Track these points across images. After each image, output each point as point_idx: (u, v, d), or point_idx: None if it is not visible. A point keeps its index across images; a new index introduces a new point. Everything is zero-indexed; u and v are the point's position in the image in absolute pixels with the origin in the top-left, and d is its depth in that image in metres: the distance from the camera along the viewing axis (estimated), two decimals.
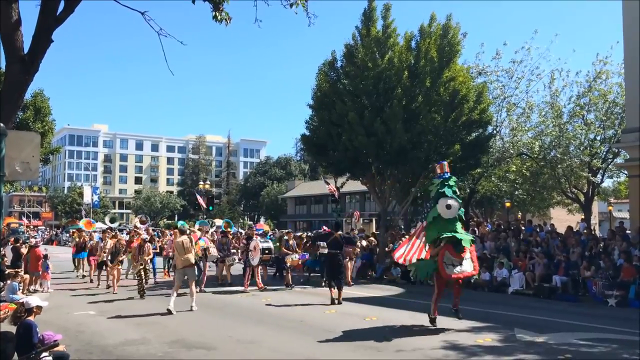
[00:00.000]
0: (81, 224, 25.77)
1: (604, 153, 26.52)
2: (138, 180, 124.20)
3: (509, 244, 18.36)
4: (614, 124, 25.36)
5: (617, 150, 24.96)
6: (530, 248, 17.36)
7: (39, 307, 6.79)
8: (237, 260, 17.98)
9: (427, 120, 22.08)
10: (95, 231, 22.86)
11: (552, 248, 17.03)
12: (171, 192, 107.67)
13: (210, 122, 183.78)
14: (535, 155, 26.04)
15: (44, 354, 6.00)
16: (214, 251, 16.21)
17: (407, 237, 13.40)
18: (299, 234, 24.61)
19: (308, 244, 20.06)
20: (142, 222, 21.37)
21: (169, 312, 11.35)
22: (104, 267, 16.80)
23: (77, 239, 21.33)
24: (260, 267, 16.13)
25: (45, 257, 16.33)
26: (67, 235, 57.44)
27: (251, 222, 57.07)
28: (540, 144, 25.92)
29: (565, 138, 25.30)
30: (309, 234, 25.00)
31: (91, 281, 18.10)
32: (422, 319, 10.93)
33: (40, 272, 16.03)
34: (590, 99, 25.72)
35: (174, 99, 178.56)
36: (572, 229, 19.14)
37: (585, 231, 19.89)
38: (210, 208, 36.09)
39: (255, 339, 9.10)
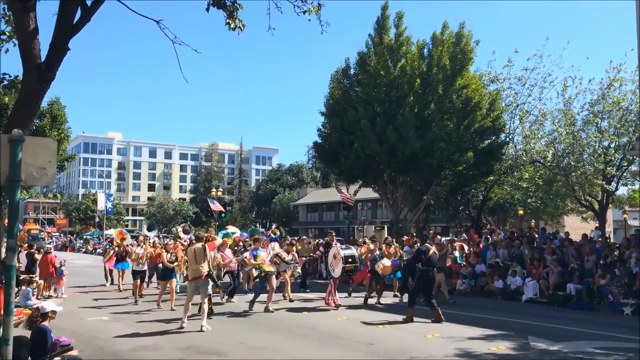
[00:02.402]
0: (114, 233, 22.76)
1: (618, 160, 26.26)
2: (151, 188, 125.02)
3: (522, 251, 18.21)
4: (628, 131, 25.11)
5: (631, 157, 24.68)
6: (544, 256, 17.20)
7: (54, 312, 6.86)
8: (298, 270, 16.51)
9: (440, 128, 22.09)
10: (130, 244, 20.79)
11: (566, 256, 16.86)
12: (184, 199, 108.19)
13: (223, 130, 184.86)
14: (548, 163, 25.86)
15: (57, 358, 6.04)
16: (288, 258, 14.46)
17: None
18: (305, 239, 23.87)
19: (317, 251, 19.81)
20: (185, 232, 19.22)
21: (181, 326, 10.43)
22: (137, 278, 14.93)
23: (117, 248, 18.75)
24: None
25: (60, 265, 16.47)
26: (81, 241, 57.99)
27: (263, 229, 57.13)
28: (554, 151, 25.73)
29: (579, 145, 25.10)
30: (320, 240, 24.36)
31: (120, 291, 17.07)
32: (436, 327, 10.91)
33: (54, 278, 16.17)
34: (604, 106, 25.51)
35: (187, 107, 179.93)
36: (586, 236, 18.94)
37: (599, 239, 19.67)
38: (223, 215, 36.24)
39: (269, 345, 9.10)
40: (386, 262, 14.20)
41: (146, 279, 16.23)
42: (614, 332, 10.48)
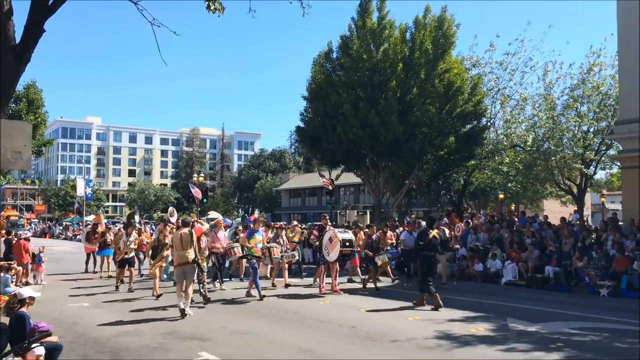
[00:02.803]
0: (100, 218, 21.61)
1: (597, 145, 26.64)
2: (132, 173, 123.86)
3: (502, 235, 18.44)
4: (607, 116, 25.46)
5: (610, 142, 25.07)
6: (523, 239, 17.44)
7: (32, 298, 6.77)
8: (296, 257, 16.04)
9: (422, 112, 22.14)
10: (108, 225, 19.69)
11: (544, 239, 17.12)
12: (165, 185, 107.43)
13: (204, 115, 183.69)
14: (528, 147, 26.12)
15: (36, 344, 5.98)
16: (276, 256, 13.74)
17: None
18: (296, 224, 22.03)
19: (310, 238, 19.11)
20: (171, 215, 18.24)
21: (183, 314, 10.11)
22: (125, 266, 14.48)
23: (103, 235, 18.01)
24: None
25: (39, 251, 16.27)
26: (60, 228, 57.33)
27: (245, 214, 56.97)
28: (534, 136, 26.00)
29: (558, 130, 25.38)
30: (306, 226, 23.88)
31: (103, 278, 16.74)
32: (418, 310, 11.03)
33: (32, 265, 15.99)
34: (583, 91, 25.79)
35: (167, 92, 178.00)
36: (565, 220, 19.24)
37: (577, 222, 19.99)
38: (205, 200, 36.03)
39: (251, 330, 9.12)
40: (386, 257, 14.28)
41: (136, 266, 15.92)
42: (590, 313, 10.70)
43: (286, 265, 15.22)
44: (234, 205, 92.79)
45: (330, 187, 30.50)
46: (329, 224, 15.44)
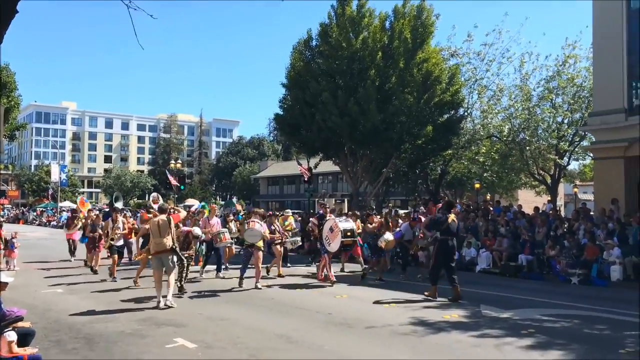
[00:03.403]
0: (79, 203, 20.35)
1: (571, 136, 27.11)
2: (108, 159, 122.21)
3: (477, 224, 18.70)
4: (581, 108, 25.90)
5: (583, 133, 25.51)
6: (497, 228, 17.71)
7: (4, 284, 6.67)
8: (298, 242, 15.73)
9: (400, 101, 22.22)
10: (89, 210, 18.51)
11: (518, 228, 17.41)
12: (142, 172, 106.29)
13: (182, 101, 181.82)
14: (504, 138, 26.45)
15: (7, 329, 5.91)
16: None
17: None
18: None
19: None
20: (155, 202, 18.20)
21: (166, 307, 9.71)
22: (115, 253, 13.86)
23: (85, 220, 17.10)
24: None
25: (12, 237, 16.03)
26: (34, 214, 56.40)
27: (223, 202, 56.68)
28: (510, 126, 26.34)
29: (534, 121, 25.76)
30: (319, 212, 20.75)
31: (87, 266, 15.69)
32: (391, 295, 11.18)
33: (3, 251, 15.73)
34: (559, 82, 26.17)
35: (145, 78, 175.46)
36: (538, 209, 19.57)
37: (551, 212, 20.36)
38: (182, 187, 35.75)
39: (228, 316, 9.13)
40: (389, 236, 13.37)
41: (126, 254, 15.68)
42: (561, 301, 10.93)
43: (280, 254, 14.47)
44: (212, 192, 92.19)
45: (307, 176, 30.49)
46: (329, 211, 14.80)
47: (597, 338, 7.86)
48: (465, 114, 27.26)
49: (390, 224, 14.18)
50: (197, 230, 12.29)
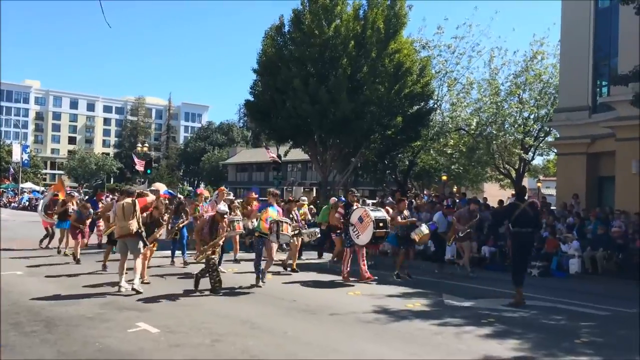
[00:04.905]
0: (57, 186, 17.69)
1: (536, 131, 27.67)
2: (72, 141, 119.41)
3: None
4: (546, 104, 26.45)
5: (548, 129, 26.07)
6: None
7: None
8: (318, 233, 14.11)
9: (371, 91, 22.28)
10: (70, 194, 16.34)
11: (483, 220, 17.68)
12: (107, 154, 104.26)
13: (151, 84, 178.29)
14: (472, 131, 26.83)
15: None
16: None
17: None
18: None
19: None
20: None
21: (134, 292, 9.36)
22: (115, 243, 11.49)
23: (64, 204, 15.33)
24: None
25: None
26: None
27: (191, 188, 56.16)
28: (478, 120, 26.72)
29: (501, 115, 26.19)
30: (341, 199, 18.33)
31: (61, 254, 14.71)
32: (357, 284, 11.26)
33: None
34: (526, 78, 26.65)
35: (112, 58, 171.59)
36: (502, 202, 19.95)
37: None
38: (149, 172, 35.24)
39: (192, 302, 9.08)
40: (424, 229, 12.40)
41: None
42: None
43: (297, 246, 13.21)
44: (179, 177, 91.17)
45: (273, 160, 30.29)
46: (357, 199, 12.95)
47: (554, 328, 8.09)
48: (435, 106, 27.53)
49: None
50: (222, 207, 10.40)
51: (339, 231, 13.30)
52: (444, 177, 33.54)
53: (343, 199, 13.40)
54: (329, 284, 11.34)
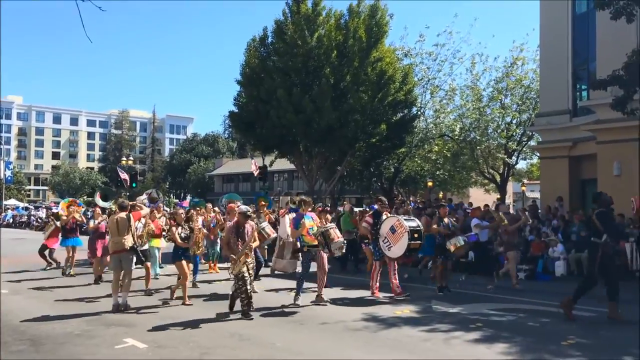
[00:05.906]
0: (62, 206, 15.56)
1: (519, 136, 27.99)
2: (56, 156, 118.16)
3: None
4: (528, 108, 26.79)
5: (531, 133, 26.38)
6: None
7: None
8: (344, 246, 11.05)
9: (355, 100, 22.41)
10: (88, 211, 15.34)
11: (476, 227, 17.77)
12: (92, 169, 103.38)
13: (135, 97, 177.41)
14: (456, 137, 27.07)
15: None
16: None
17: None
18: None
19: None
20: (152, 200, 15.51)
21: (117, 309, 9.27)
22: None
23: (64, 218, 14.43)
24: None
25: None
26: None
27: (177, 200, 55.83)
28: (461, 125, 26.97)
29: (484, 121, 26.47)
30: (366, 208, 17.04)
31: (68, 275, 13.74)
32: (345, 293, 11.28)
33: None
34: (507, 83, 26.99)
35: (95, 72, 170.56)
36: (488, 207, 20.07)
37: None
38: (134, 185, 34.96)
39: (181, 315, 9.02)
40: (461, 239, 11.52)
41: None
42: (507, 295, 11.29)
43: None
44: (165, 190, 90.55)
45: (256, 173, 30.24)
46: (386, 208, 11.85)
47: (541, 331, 8.16)
48: (419, 113, 27.74)
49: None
50: (266, 227, 10.25)
51: (366, 241, 12.62)
52: (430, 183, 33.74)
53: (374, 206, 12.29)
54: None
